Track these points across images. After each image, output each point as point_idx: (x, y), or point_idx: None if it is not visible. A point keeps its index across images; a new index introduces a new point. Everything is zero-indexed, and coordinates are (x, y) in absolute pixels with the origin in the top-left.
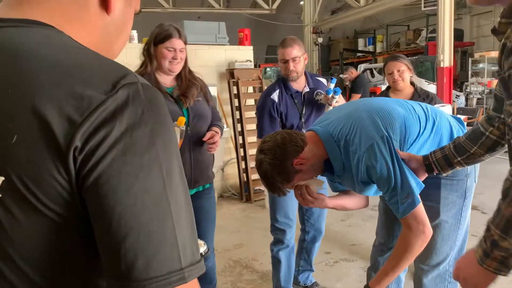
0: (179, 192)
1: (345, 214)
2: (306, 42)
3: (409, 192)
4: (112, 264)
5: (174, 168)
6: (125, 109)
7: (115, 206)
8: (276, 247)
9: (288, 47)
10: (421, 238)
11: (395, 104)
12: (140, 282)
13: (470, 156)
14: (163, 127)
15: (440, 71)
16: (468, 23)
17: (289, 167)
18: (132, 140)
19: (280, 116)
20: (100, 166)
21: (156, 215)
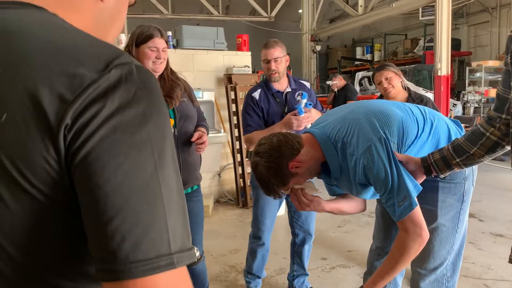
0: (171, 177)
1: (341, 220)
2: (304, 50)
3: (406, 195)
4: (98, 246)
5: (166, 152)
6: (118, 88)
7: (103, 185)
8: (254, 241)
9: (270, 48)
10: (418, 242)
11: (392, 106)
12: (127, 264)
13: (470, 157)
14: (156, 109)
15: (438, 79)
16: (466, 33)
17: (285, 170)
18: (123, 119)
19: (262, 112)
20: (89, 144)
21: (145, 196)
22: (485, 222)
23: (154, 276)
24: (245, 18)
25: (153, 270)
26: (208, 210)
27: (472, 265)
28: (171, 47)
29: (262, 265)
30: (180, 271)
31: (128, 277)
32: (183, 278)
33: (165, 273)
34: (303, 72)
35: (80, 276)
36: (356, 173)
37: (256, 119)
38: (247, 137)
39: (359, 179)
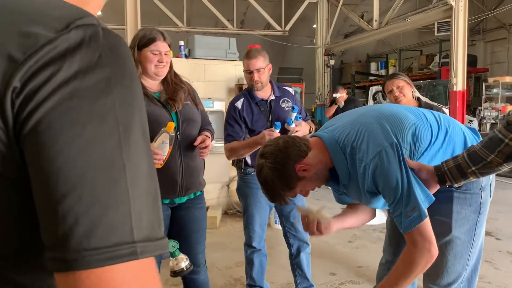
0: (139, 155)
1: (352, 235)
2: (317, 64)
3: (416, 206)
4: (48, 230)
5: (134, 126)
6: (78, 50)
7: (56, 157)
8: (249, 249)
9: (252, 58)
10: (426, 257)
11: (406, 111)
12: (80, 252)
13: (487, 165)
14: (125, 78)
15: (453, 94)
16: (482, 49)
17: (292, 172)
18: (83, 84)
19: (245, 122)
20: (41, 110)
21: (104, 173)
22: (502, 241)
23: (112, 267)
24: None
25: (111, 259)
26: (216, 222)
27: (488, 284)
28: (183, 56)
29: (261, 272)
30: (146, 263)
31: (81, 267)
32: (149, 272)
33: (126, 264)
34: (316, 86)
35: (39, 269)
36: (365, 180)
37: (236, 129)
38: (226, 147)
39: (368, 187)
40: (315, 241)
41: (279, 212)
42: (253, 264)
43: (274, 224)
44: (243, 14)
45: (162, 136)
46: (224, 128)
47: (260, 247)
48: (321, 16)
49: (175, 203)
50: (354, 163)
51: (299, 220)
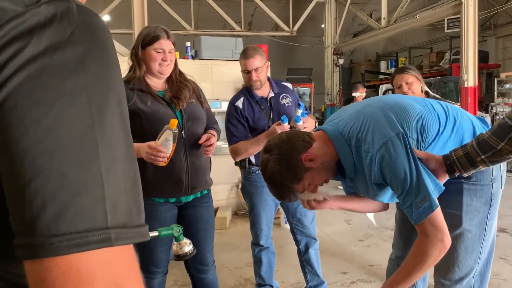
0: (115, 137)
1: (363, 234)
2: (326, 64)
3: (426, 195)
4: (15, 216)
5: (110, 106)
6: (48, 26)
7: (21, 138)
8: (257, 248)
9: (249, 58)
10: (439, 248)
11: (412, 101)
12: (47, 237)
13: (496, 154)
14: (100, 56)
15: (464, 91)
16: (494, 45)
17: (298, 162)
18: (52, 61)
19: (247, 121)
20: (6, 89)
21: (74, 155)
22: None
23: (83, 254)
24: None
25: (81, 246)
26: (226, 222)
27: (504, 282)
28: (189, 57)
29: (270, 271)
30: (121, 251)
31: (49, 254)
32: (124, 260)
33: (98, 251)
34: (326, 85)
35: (9, 257)
36: (372, 172)
37: (241, 129)
38: (233, 148)
39: (374, 179)
40: (326, 240)
41: (285, 209)
42: (261, 263)
43: (283, 224)
44: (251, 16)
45: (166, 134)
46: (227, 129)
47: (268, 245)
48: (329, 16)
49: (181, 202)
50: (359, 155)
51: (305, 215)
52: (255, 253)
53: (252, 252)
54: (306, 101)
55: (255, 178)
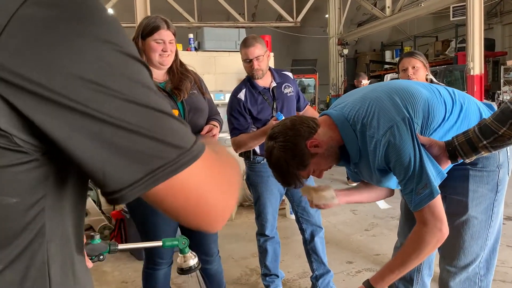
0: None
1: (369, 223)
2: (331, 54)
3: (427, 182)
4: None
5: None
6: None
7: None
8: (262, 237)
9: (250, 46)
10: (437, 237)
11: (418, 86)
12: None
13: (498, 139)
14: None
15: (470, 79)
16: (500, 33)
17: (304, 149)
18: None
19: (250, 114)
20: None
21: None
22: None
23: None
24: (271, 24)
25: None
26: (232, 214)
27: (511, 269)
28: (192, 49)
29: (275, 260)
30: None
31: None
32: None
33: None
34: (330, 76)
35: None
36: (376, 157)
37: (242, 122)
38: (234, 141)
39: (378, 164)
40: (331, 230)
41: (290, 199)
42: (266, 252)
43: (289, 214)
44: (254, 7)
45: None
46: (228, 121)
47: (273, 235)
48: (333, 6)
49: None
50: (364, 140)
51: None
52: (260, 243)
53: (257, 243)
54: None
55: (260, 168)
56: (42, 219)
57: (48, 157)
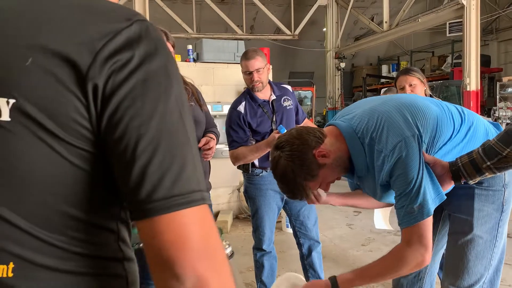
0: (190, 125)
1: (366, 238)
2: (328, 68)
3: (422, 203)
4: (137, 187)
5: (185, 105)
6: (141, 40)
7: (141, 127)
8: (259, 252)
9: (251, 59)
10: (418, 261)
11: (428, 101)
12: (167, 199)
13: (502, 160)
14: (173, 64)
15: (467, 95)
16: (496, 49)
17: (311, 159)
18: (151, 68)
19: (249, 126)
20: (124, 89)
21: (177, 138)
22: None
23: (190, 210)
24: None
25: (190, 203)
26: (227, 226)
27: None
28: (191, 60)
29: (272, 275)
30: (207, 208)
31: (170, 210)
32: (210, 214)
33: (198, 207)
34: (327, 89)
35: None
36: (382, 172)
37: (241, 135)
38: (233, 154)
39: (382, 180)
40: (328, 245)
41: (287, 212)
42: (263, 267)
43: (285, 228)
44: (253, 20)
45: None
46: (227, 134)
47: (270, 249)
48: (331, 19)
49: None
50: (372, 154)
51: (308, 217)
52: (256, 258)
53: (253, 257)
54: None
55: (259, 181)
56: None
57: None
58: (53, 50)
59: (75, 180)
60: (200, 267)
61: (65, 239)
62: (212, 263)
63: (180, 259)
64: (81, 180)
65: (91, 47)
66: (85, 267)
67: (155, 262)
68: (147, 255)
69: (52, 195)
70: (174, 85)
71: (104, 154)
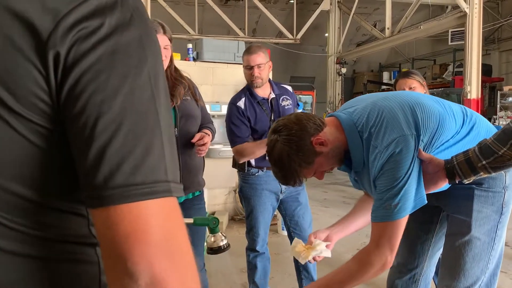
0: (164, 107)
1: (361, 243)
2: (329, 73)
3: (401, 203)
4: (93, 170)
5: (160, 78)
6: (115, 8)
7: (103, 104)
8: (252, 253)
9: (253, 53)
10: (383, 262)
11: (431, 100)
12: (126, 187)
13: (498, 159)
14: (150, 38)
15: (467, 103)
16: (497, 59)
17: (308, 145)
18: (122, 39)
19: (249, 121)
20: (88, 60)
21: (145, 119)
22: None
23: (151, 202)
24: (271, 40)
25: (152, 194)
26: (222, 227)
27: None
28: (191, 59)
29: (265, 277)
30: (175, 201)
31: (127, 200)
32: (177, 208)
33: (162, 200)
34: (328, 94)
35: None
36: (374, 169)
37: (244, 130)
38: (238, 149)
39: (374, 175)
40: None
41: (282, 213)
42: (256, 269)
43: (281, 230)
44: (255, 23)
45: None
46: (229, 130)
47: (263, 250)
48: (333, 25)
49: None
50: (368, 149)
51: (303, 218)
52: (249, 259)
53: (246, 258)
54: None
55: (254, 180)
56: None
57: None
58: (16, 12)
59: (33, 160)
60: (157, 266)
61: (26, 223)
62: (174, 263)
63: (134, 254)
64: (40, 160)
65: (56, 12)
66: (49, 252)
67: (107, 256)
68: (101, 249)
69: (7, 176)
70: (148, 60)
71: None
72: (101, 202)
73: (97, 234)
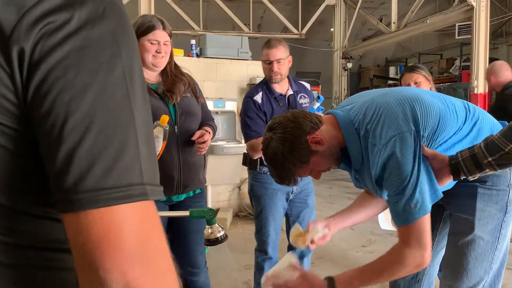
0: (140, 105)
1: (366, 240)
2: (335, 68)
3: (419, 201)
4: (62, 173)
5: (136, 75)
6: (86, 2)
7: (71, 102)
8: (261, 255)
9: (273, 48)
10: (418, 262)
11: (432, 96)
12: (97, 191)
13: (504, 156)
14: (126, 32)
15: (474, 97)
16: (505, 53)
17: (304, 144)
18: (93, 34)
19: (265, 115)
20: (55, 56)
21: (117, 118)
22: None
23: (125, 206)
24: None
25: (125, 198)
26: (226, 224)
27: None
28: (194, 55)
29: None
30: (151, 205)
31: (97, 206)
32: (153, 213)
33: (137, 204)
34: (333, 89)
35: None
36: (376, 167)
37: (260, 124)
38: (252, 144)
39: (375, 175)
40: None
41: (287, 213)
42: (263, 271)
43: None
44: (260, 18)
45: (155, 130)
46: (244, 124)
47: (273, 256)
48: (339, 19)
49: (173, 201)
50: (367, 147)
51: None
52: (258, 260)
53: (255, 258)
54: None
55: (266, 179)
56: None
57: None
58: None
59: (0, 163)
60: (131, 273)
61: None
62: (149, 270)
63: (106, 261)
64: (8, 162)
65: (20, 4)
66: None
67: (79, 263)
68: (73, 256)
69: None
70: (123, 56)
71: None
72: (71, 206)
73: (70, 242)
